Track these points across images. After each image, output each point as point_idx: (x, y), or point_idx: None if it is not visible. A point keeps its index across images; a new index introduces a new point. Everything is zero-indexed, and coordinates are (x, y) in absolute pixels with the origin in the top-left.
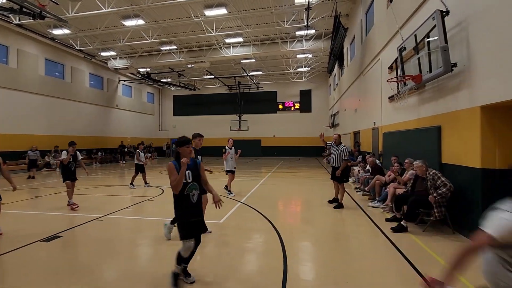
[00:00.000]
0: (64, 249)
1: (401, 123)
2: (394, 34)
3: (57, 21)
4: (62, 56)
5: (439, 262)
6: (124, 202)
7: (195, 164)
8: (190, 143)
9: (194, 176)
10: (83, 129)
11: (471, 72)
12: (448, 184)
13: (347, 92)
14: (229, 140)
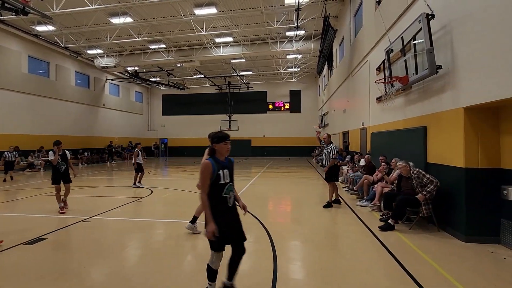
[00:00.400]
0: (49, 252)
1: (388, 124)
2: (382, 36)
3: (41, 18)
4: (46, 53)
5: (424, 259)
6: (111, 203)
7: (231, 163)
8: (229, 139)
9: (231, 176)
10: (68, 129)
11: (455, 74)
12: (434, 180)
13: (336, 92)
14: None
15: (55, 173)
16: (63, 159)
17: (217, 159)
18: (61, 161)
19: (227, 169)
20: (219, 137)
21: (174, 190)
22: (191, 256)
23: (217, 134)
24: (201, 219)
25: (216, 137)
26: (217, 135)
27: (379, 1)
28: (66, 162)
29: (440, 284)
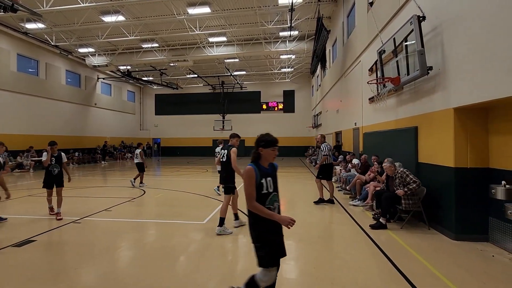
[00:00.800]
0: (38, 254)
1: (380, 124)
2: (374, 37)
3: (30, 15)
4: (36, 51)
5: (415, 257)
6: (103, 204)
7: (275, 170)
8: (277, 145)
9: (275, 184)
10: (59, 128)
11: (445, 75)
12: (417, 181)
13: (329, 93)
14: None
15: (48, 176)
16: (57, 161)
17: (261, 166)
18: (55, 163)
19: (271, 177)
20: (267, 141)
21: (167, 190)
22: (184, 256)
23: (266, 138)
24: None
25: (264, 140)
26: (266, 139)
27: (372, 2)
28: (60, 164)
29: (430, 282)
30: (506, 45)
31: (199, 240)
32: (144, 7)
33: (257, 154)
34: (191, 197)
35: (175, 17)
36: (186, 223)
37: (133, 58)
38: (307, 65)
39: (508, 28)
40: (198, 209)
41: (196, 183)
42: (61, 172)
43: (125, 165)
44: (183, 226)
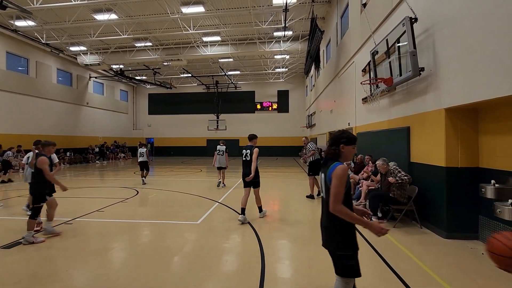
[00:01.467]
0: (28, 255)
1: (373, 124)
2: (368, 38)
3: (20, 12)
4: (26, 49)
5: (407, 255)
6: (95, 205)
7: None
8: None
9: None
10: (50, 128)
11: (437, 76)
12: (408, 175)
13: (323, 93)
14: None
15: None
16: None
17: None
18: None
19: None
20: (350, 138)
21: (161, 190)
22: (178, 257)
23: (348, 135)
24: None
25: (346, 137)
26: (348, 136)
27: (365, 3)
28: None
29: (421, 279)
30: (494, 47)
31: (194, 240)
32: (137, 6)
33: (338, 152)
34: (185, 197)
35: (168, 16)
36: (180, 223)
37: (126, 57)
38: (301, 65)
39: (497, 30)
40: (192, 209)
41: (190, 183)
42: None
43: (117, 165)
44: (177, 227)
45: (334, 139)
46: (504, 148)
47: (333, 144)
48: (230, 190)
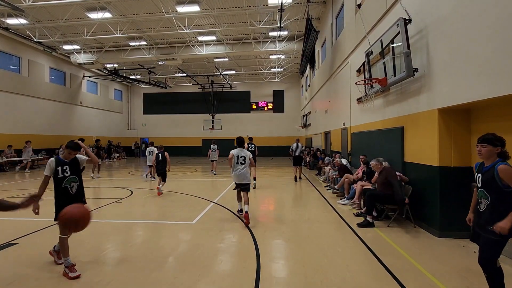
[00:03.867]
0: (20, 257)
1: (368, 124)
2: (362, 39)
3: (11, 10)
4: (18, 48)
5: (401, 254)
6: (89, 205)
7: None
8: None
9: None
10: (42, 128)
11: (430, 77)
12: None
13: (318, 93)
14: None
15: (63, 199)
16: (74, 170)
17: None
18: (71, 175)
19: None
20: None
21: (155, 190)
22: (173, 257)
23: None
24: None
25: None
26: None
27: (360, 4)
28: (79, 176)
29: (414, 278)
30: (485, 48)
31: (188, 240)
32: (131, 4)
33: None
34: (180, 197)
35: (163, 15)
36: (175, 223)
37: (120, 56)
38: (296, 65)
39: (487, 32)
40: (187, 209)
41: (185, 183)
42: (81, 187)
43: (111, 165)
44: (172, 227)
45: (495, 140)
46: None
47: (499, 144)
48: (225, 190)
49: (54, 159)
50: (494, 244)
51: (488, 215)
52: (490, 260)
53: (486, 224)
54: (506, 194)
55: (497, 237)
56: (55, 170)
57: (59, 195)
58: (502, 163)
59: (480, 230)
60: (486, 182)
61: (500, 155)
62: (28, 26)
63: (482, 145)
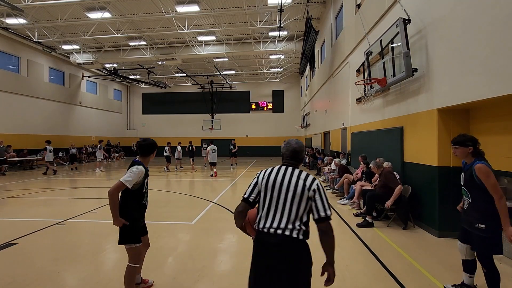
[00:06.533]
0: (19, 257)
1: (367, 124)
2: (362, 39)
3: (11, 10)
4: (17, 47)
5: (400, 254)
6: (88, 205)
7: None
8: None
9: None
10: (41, 127)
11: (429, 77)
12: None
13: (318, 93)
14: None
15: (137, 218)
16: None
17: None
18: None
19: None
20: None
21: (155, 190)
22: (172, 257)
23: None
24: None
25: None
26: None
27: (359, 4)
28: (144, 187)
29: (414, 277)
30: (483, 49)
31: (187, 240)
32: (131, 4)
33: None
34: (179, 198)
35: (163, 15)
36: (174, 223)
37: (120, 56)
38: (296, 65)
39: (485, 32)
40: (186, 209)
41: (184, 183)
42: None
43: (111, 165)
44: (171, 227)
45: (469, 141)
46: (494, 147)
47: (472, 144)
48: (225, 190)
49: (143, 167)
50: (484, 241)
51: (470, 213)
52: (486, 256)
53: (472, 222)
54: (484, 191)
55: (486, 233)
56: (143, 183)
57: (135, 213)
58: (478, 162)
59: (469, 228)
60: (466, 181)
61: (474, 154)
62: (27, 26)
63: (455, 147)
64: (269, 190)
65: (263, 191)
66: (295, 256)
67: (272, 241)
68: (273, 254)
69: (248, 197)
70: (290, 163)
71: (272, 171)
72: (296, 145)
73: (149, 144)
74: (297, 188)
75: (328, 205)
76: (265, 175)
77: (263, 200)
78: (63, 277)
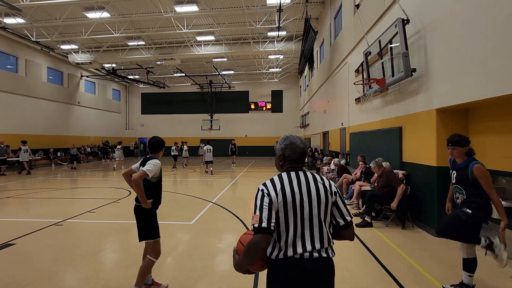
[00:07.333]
0: (17, 257)
1: (366, 124)
2: (361, 39)
3: (9, 9)
4: (15, 47)
5: (399, 253)
6: (87, 205)
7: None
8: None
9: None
10: (40, 127)
11: (428, 77)
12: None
13: (317, 93)
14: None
15: (155, 212)
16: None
17: None
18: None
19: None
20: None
21: None
22: (171, 257)
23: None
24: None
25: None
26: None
27: (358, 4)
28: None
29: (413, 277)
30: (482, 49)
31: (187, 241)
32: (130, 4)
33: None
34: (178, 198)
35: (162, 15)
36: (173, 223)
37: (119, 56)
38: (295, 65)
39: (485, 32)
40: (185, 209)
41: (183, 183)
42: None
43: (109, 165)
44: (171, 227)
45: (464, 141)
46: (493, 147)
47: (466, 144)
48: (224, 190)
49: (160, 162)
50: (464, 225)
51: (462, 207)
52: (446, 233)
53: (462, 209)
54: (477, 187)
55: (465, 217)
56: (159, 176)
57: (155, 204)
58: (475, 163)
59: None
60: (460, 179)
61: (467, 153)
62: (25, 26)
63: (452, 147)
64: (290, 208)
65: (282, 210)
66: (332, 281)
67: (311, 267)
68: (313, 284)
69: (269, 226)
70: (299, 167)
71: (284, 183)
72: (302, 144)
73: (158, 141)
74: (320, 195)
75: None
76: (278, 190)
77: (284, 221)
78: (63, 277)
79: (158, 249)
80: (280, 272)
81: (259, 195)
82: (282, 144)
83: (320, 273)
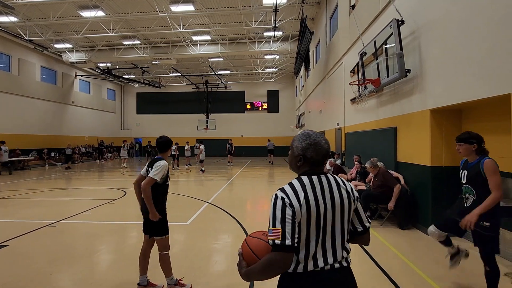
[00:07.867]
0: (10, 259)
1: (362, 124)
2: (356, 40)
3: (1, 7)
4: (8, 46)
5: (394, 253)
6: (81, 206)
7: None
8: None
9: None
10: (33, 127)
11: (422, 78)
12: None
13: (313, 93)
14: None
15: (162, 204)
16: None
17: None
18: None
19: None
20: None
21: None
22: None
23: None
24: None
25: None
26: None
27: (354, 5)
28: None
29: (409, 277)
30: (478, 50)
31: (182, 241)
32: (125, 3)
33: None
34: (174, 198)
35: (157, 14)
36: (169, 224)
37: (114, 55)
38: (291, 65)
39: (480, 33)
40: (181, 210)
41: (179, 183)
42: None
43: (104, 166)
44: None
45: (478, 138)
46: (487, 147)
47: (478, 142)
48: (220, 190)
49: (166, 163)
50: (490, 240)
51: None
52: (491, 255)
53: (478, 220)
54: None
55: (491, 232)
56: (166, 176)
57: (162, 205)
58: (487, 158)
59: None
60: (471, 178)
61: (478, 152)
62: (18, 24)
63: (459, 144)
64: (314, 220)
65: (305, 223)
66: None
67: (332, 277)
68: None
69: (293, 243)
70: (320, 170)
71: (307, 191)
72: (327, 145)
73: (165, 141)
74: (344, 204)
75: None
76: (302, 200)
77: (306, 233)
78: (57, 278)
79: (168, 243)
80: (297, 286)
81: (279, 204)
82: (304, 143)
83: (339, 283)
